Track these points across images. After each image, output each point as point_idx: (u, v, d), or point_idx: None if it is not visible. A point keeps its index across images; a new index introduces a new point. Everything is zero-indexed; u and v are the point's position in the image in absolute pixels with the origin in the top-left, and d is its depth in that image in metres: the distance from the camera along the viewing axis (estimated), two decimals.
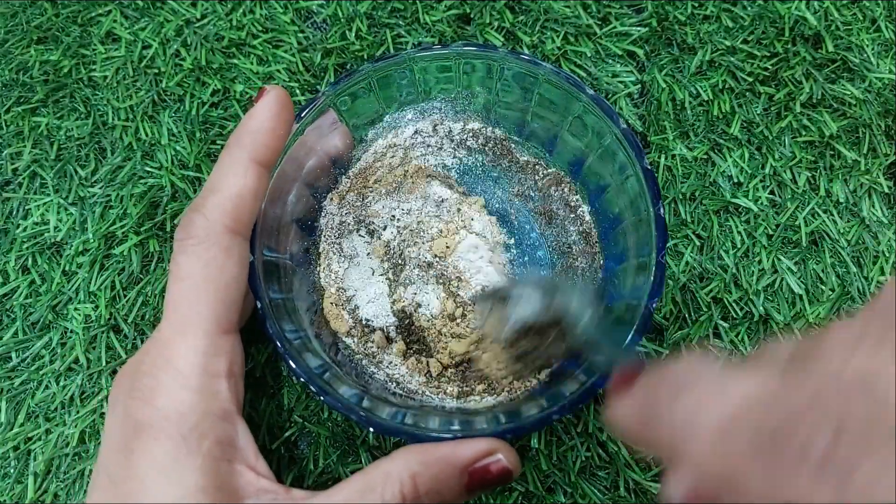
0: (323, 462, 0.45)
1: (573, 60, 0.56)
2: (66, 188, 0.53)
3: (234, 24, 0.58)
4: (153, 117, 0.55)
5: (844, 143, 0.53)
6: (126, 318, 0.49)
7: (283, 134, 0.38)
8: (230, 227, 0.36)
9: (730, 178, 0.52)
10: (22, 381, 0.48)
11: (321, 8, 0.59)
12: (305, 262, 0.46)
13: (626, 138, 0.40)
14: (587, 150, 0.44)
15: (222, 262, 0.35)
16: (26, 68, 0.57)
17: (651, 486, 0.44)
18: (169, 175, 0.52)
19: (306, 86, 0.56)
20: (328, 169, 0.46)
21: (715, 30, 0.57)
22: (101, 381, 0.47)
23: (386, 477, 0.33)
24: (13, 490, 0.45)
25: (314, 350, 0.39)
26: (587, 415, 0.46)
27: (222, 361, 0.34)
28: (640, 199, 0.39)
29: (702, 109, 0.54)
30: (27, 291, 0.50)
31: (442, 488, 0.34)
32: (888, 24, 0.56)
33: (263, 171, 0.37)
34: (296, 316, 0.41)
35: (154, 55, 0.57)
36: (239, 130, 0.38)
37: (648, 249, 0.38)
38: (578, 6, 0.57)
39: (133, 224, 0.51)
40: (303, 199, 0.44)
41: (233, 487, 0.33)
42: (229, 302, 0.35)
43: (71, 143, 0.54)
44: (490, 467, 0.34)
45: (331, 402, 0.35)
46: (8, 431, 0.47)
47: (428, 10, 0.58)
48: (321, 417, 0.46)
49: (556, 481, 0.44)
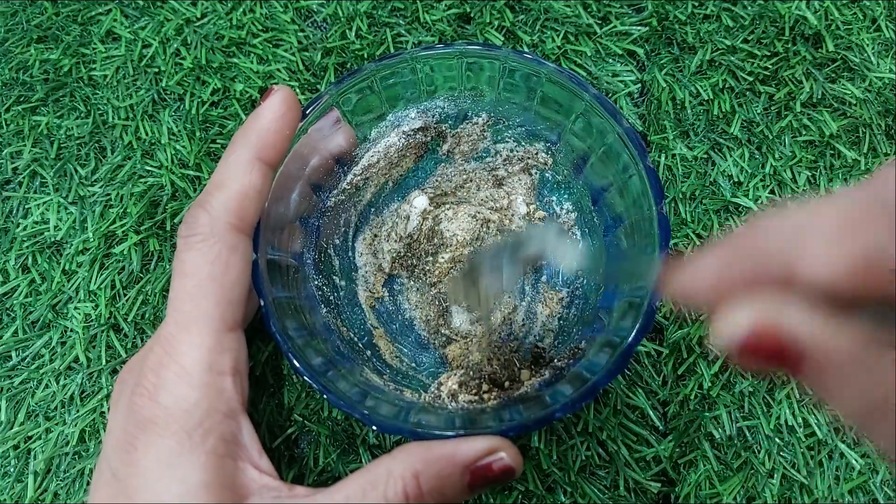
0: (323, 460, 0.45)
1: (573, 60, 0.56)
2: (66, 187, 0.53)
3: (235, 23, 0.58)
4: (153, 116, 0.55)
5: (844, 143, 0.53)
6: (126, 317, 0.49)
7: (288, 134, 0.38)
8: (235, 225, 0.35)
9: (730, 177, 0.52)
10: (22, 380, 0.48)
11: (321, 7, 0.59)
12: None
13: (629, 137, 0.40)
14: (590, 148, 0.44)
15: (227, 260, 0.35)
16: (26, 67, 0.57)
17: (651, 486, 0.44)
18: (169, 174, 0.52)
19: (306, 85, 0.56)
20: (331, 168, 0.46)
21: (715, 29, 0.57)
22: (101, 381, 0.47)
23: (388, 475, 0.33)
24: (13, 489, 0.45)
25: (317, 348, 0.39)
26: (587, 414, 0.46)
27: (227, 359, 0.34)
28: (642, 197, 0.39)
29: (702, 109, 0.54)
30: (27, 290, 0.50)
31: (444, 486, 0.34)
32: (888, 23, 0.56)
33: (268, 170, 0.37)
34: (299, 314, 0.41)
35: (154, 54, 0.57)
36: (245, 129, 0.38)
37: (652, 248, 0.38)
38: (578, 5, 0.57)
39: (133, 223, 0.51)
40: (306, 198, 0.44)
41: (236, 484, 0.33)
42: (234, 299, 0.35)
43: (71, 142, 0.54)
44: (493, 465, 0.34)
45: (333, 400, 0.35)
46: (8, 430, 0.47)
47: (428, 10, 0.58)
48: (321, 416, 0.46)
49: (556, 480, 0.44)
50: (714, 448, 0.45)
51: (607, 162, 0.43)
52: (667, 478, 0.45)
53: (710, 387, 0.46)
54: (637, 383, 0.47)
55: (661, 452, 0.45)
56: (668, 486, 0.45)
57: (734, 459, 0.45)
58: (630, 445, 0.45)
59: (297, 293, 0.42)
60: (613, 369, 0.35)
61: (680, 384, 0.47)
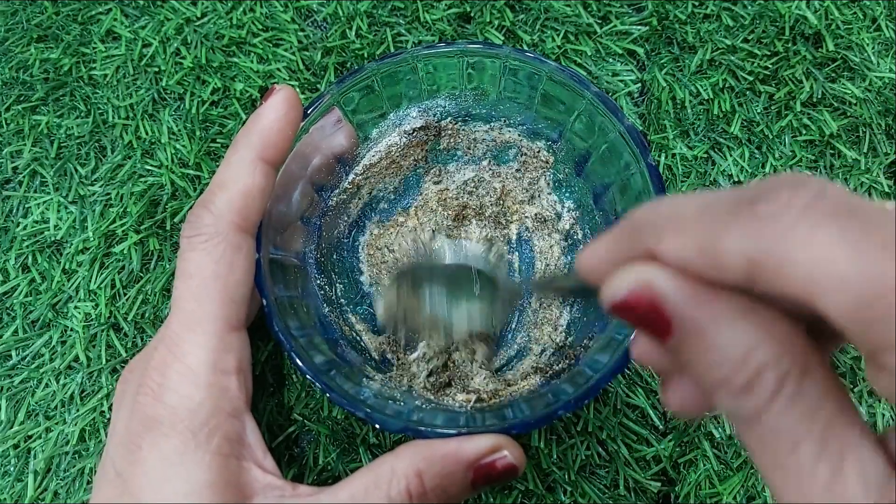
0: (323, 460, 0.45)
1: (573, 59, 0.56)
2: (67, 186, 0.53)
3: (235, 22, 0.58)
4: (153, 116, 0.55)
5: (845, 143, 0.53)
6: (126, 316, 0.48)
7: (291, 134, 0.38)
8: (239, 225, 0.35)
9: (730, 176, 0.52)
10: (22, 380, 0.48)
11: (321, 6, 0.59)
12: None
13: (631, 135, 0.40)
14: (592, 147, 0.44)
15: (231, 260, 0.35)
16: (26, 66, 0.57)
17: (650, 485, 0.44)
18: (169, 173, 0.52)
19: (306, 85, 0.56)
20: (333, 167, 0.46)
21: (715, 29, 0.57)
22: (101, 380, 0.47)
23: (392, 474, 0.33)
24: (13, 488, 0.45)
25: (319, 347, 0.39)
26: (587, 413, 0.46)
27: (231, 358, 0.34)
28: (644, 195, 0.39)
29: (702, 108, 0.54)
30: (27, 290, 0.50)
31: (448, 485, 0.34)
32: (888, 23, 0.56)
33: (271, 170, 0.37)
34: (302, 313, 0.41)
35: (154, 53, 0.57)
36: (247, 128, 0.38)
37: None
38: (579, 5, 0.58)
39: (133, 222, 0.51)
40: (307, 198, 0.44)
41: (241, 484, 0.33)
42: (238, 299, 0.35)
43: (71, 141, 0.54)
44: (496, 463, 0.34)
45: (336, 399, 0.35)
46: (8, 430, 0.46)
47: (428, 9, 0.58)
48: (321, 415, 0.46)
49: (556, 480, 0.44)
50: (714, 447, 0.45)
51: (609, 160, 0.43)
52: (667, 477, 0.45)
53: None
54: (637, 382, 0.47)
55: (661, 452, 0.45)
56: (668, 485, 0.45)
57: (734, 459, 0.45)
58: (630, 445, 0.45)
59: (299, 292, 0.42)
60: (615, 367, 0.35)
61: None
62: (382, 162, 0.48)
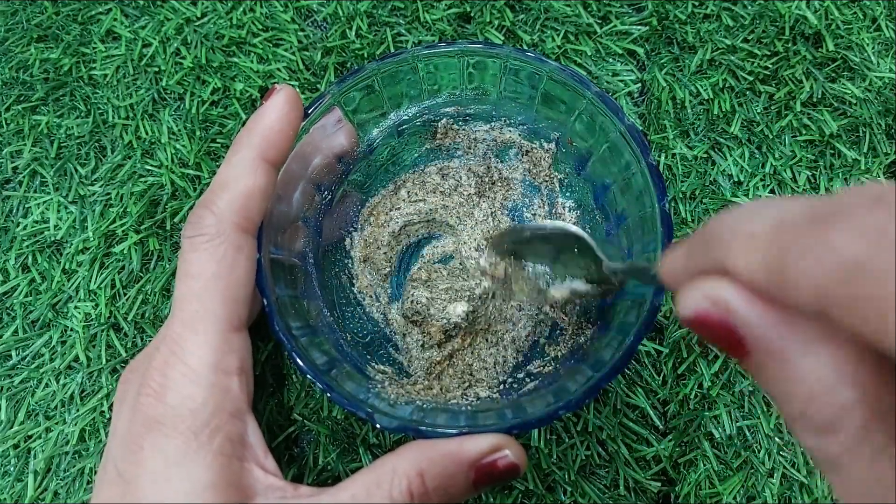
0: (323, 460, 0.45)
1: (573, 59, 0.56)
2: (66, 186, 0.53)
3: (235, 22, 0.58)
4: (153, 116, 0.55)
5: (845, 142, 0.53)
6: (126, 316, 0.48)
7: (292, 133, 0.38)
8: (240, 225, 0.35)
9: (730, 176, 0.52)
10: (22, 380, 0.48)
11: (321, 6, 0.59)
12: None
13: (631, 134, 0.40)
14: (592, 146, 0.44)
15: (233, 260, 0.35)
16: (26, 66, 0.57)
17: (650, 485, 0.44)
18: (169, 173, 0.52)
19: (306, 84, 0.56)
20: (334, 167, 0.46)
21: (715, 29, 0.57)
22: (101, 380, 0.47)
23: (393, 473, 0.33)
24: (13, 488, 0.45)
25: (321, 347, 0.39)
26: (587, 414, 0.46)
27: (233, 358, 0.34)
28: (645, 194, 0.39)
29: (702, 108, 0.54)
30: (27, 290, 0.50)
31: (449, 484, 0.34)
32: (888, 23, 0.56)
33: (272, 170, 0.37)
34: (303, 313, 0.41)
35: (154, 53, 0.57)
36: (248, 128, 0.38)
37: (654, 245, 0.38)
38: (579, 5, 0.58)
39: (133, 222, 0.51)
40: (308, 198, 0.44)
41: (242, 484, 0.33)
42: (240, 299, 0.35)
43: (71, 141, 0.54)
44: (497, 463, 0.34)
45: (338, 399, 0.35)
46: (8, 429, 0.46)
47: (428, 9, 0.58)
48: (321, 416, 0.46)
49: (557, 480, 0.44)
50: (714, 447, 0.45)
51: (609, 159, 0.43)
52: (667, 477, 0.45)
53: (710, 386, 0.46)
54: (637, 382, 0.47)
55: (661, 452, 0.45)
56: (668, 485, 0.45)
57: (734, 459, 0.45)
58: (630, 445, 0.45)
59: (300, 292, 0.42)
60: (616, 366, 0.35)
61: (680, 383, 0.47)
62: (383, 161, 0.48)
